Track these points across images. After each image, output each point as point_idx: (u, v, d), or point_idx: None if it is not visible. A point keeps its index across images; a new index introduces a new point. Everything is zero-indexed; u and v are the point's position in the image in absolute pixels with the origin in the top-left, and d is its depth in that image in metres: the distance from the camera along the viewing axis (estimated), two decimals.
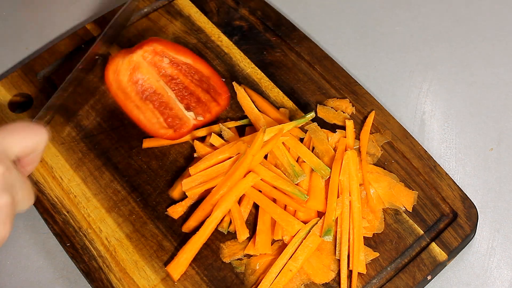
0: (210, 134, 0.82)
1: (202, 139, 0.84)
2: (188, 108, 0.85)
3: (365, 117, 0.84)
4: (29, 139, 0.61)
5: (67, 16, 0.99)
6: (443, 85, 0.91)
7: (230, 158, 0.79)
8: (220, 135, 0.83)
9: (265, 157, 0.79)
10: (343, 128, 0.83)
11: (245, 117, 0.85)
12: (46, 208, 0.80)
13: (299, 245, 0.75)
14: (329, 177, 0.78)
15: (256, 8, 0.94)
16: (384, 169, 0.81)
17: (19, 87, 0.89)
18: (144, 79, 0.85)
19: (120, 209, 0.80)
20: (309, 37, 0.91)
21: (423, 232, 0.77)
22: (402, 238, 0.77)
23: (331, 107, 0.86)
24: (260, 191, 0.78)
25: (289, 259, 0.74)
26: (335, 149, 0.81)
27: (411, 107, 0.89)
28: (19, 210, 0.60)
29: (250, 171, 0.77)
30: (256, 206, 0.78)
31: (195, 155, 0.82)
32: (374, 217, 0.77)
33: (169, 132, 0.83)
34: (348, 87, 0.87)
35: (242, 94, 0.86)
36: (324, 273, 0.75)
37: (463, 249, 0.78)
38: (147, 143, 0.84)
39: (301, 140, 0.82)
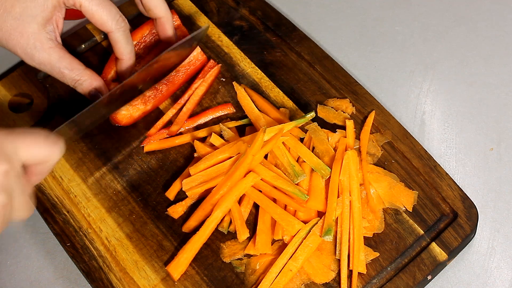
0: (210, 134, 0.82)
1: (203, 139, 0.84)
2: None
3: (365, 117, 0.84)
4: (42, 150, 0.60)
5: None
6: (443, 85, 0.91)
7: (230, 158, 0.79)
8: (220, 135, 0.83)
9: (265, 157, 0.79)
10: (343, 128, 0.83)
11: (245, 117, 0.85)
12: (46, 208, 0.80)
13: (299, 245, 0.75)
14: (329, 177, 0.78)
15: (256, 8, 0.94)
16: (384, 169, 0.81)
17: (19, 87, 0.89)
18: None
19: (120, 209, 0.80)
20: (309, 37, 0.91)
21: (423, 232, 0.77)
22: (402, 238, 0.77)
23: (331, 107, 0.86)
24: (260, 191, 0.78)
25: (289, 259, 0.74)
26: (335, 149, 0.81)
27: (411, 107, 0.89)
28: (14, 219, 0.60)
29: (250, 171, 0.77)
30: (256, 206, 0.78)
31: (195, 155, 0.82)
32: (374, 217, 0.77)
33: None
34: (348, 87, 0.87)
35: (242, 94, 0.86)
36: (324, 273, 0.75)
37: (463, 249, 0.78)
38: (148, 147, 0.84)
39: (301, 140, 0.82)
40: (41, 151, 0.60)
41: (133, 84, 0.81)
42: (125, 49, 0.80)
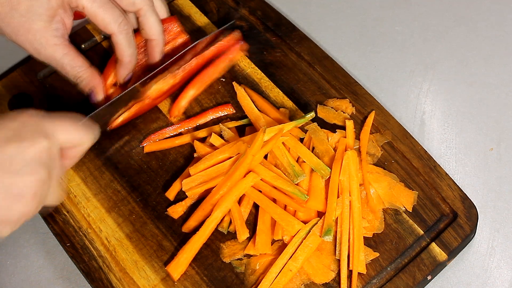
0: (210, 134, 0.82)
1: (203, 139, 0.84)
2: None
3: (365, 117, 0.84)
4: (77, 133, 0.63)
5: None
6: (443, 85, 0.91)
7: (230, 158, 0.79)
8: (220, 135, 0.83)
9: (265, 157, 0.79)
10: (343, 128, 0.83)
11: (245, 117, 0.85)
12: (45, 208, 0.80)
13: (299, 245, 0.75)
14: (329, 177, 0.78)
15: (256, 8, 0.94)
16: (384, 169, 0.81)
17: (19, 87, 0.89)
18: None
19: (120, 209, 0.80)
20: (309, 37, 0.91)
21: (423, 232, 0.77)
22: (402, 238, 0.77)
23: (331, 107, 0.86)
24: (260, 191, 0.78)
25: (289, 259, 0.74)
26: (335, 149, 0.81)
27: (411, 107, 0.89)
28: (46, 202, 0.61)
29: (250, 171, 0.77)
30: (256, 206, 0.78)
31: (195, 155, 0.82)
32: (374, 217, 0.77)
33: None
34: (348, 87, 0.87)
35: (242, 94, 0.86)
36: (324, 273, 0.75)
37: (463, 249, 0.78)
38: (148, 147, 0.84)
39: (301, 140, 0.82)
40: (76, 135, 0.63)
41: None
42: (126, 51, 0.80)
